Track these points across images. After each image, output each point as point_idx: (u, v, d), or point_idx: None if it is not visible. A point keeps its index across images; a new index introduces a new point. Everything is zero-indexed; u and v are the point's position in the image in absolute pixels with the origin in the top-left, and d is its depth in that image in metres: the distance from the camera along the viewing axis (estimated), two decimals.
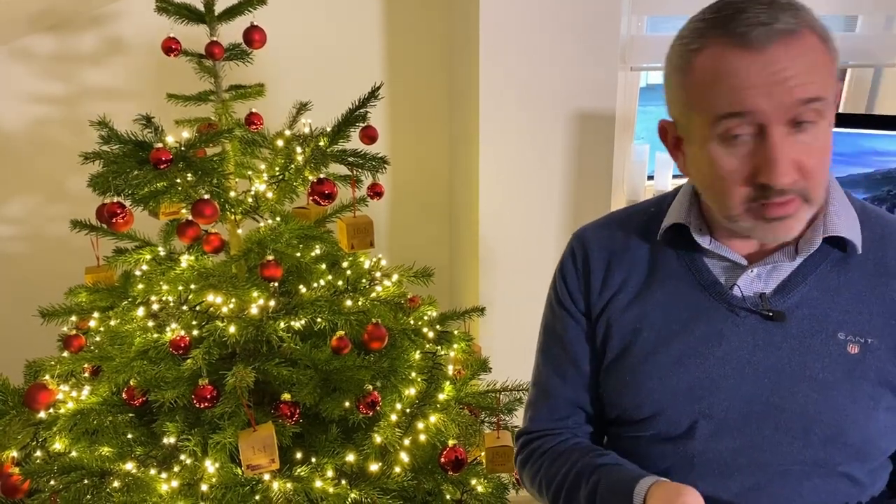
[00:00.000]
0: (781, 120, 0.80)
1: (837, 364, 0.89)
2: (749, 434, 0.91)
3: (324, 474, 1.32)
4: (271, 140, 1.45)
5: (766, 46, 0.79)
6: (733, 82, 0.80)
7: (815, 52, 0.81)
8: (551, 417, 1.09)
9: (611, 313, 1.01)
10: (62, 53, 1.98)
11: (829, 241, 0.92)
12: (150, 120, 1.26)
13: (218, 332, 1.29)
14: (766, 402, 0.91)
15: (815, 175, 0.84)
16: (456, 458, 1.37)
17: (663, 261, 1.00)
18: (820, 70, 0.81)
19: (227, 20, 1.39)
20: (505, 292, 2.04)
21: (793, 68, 0.79)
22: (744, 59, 0.79)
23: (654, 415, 0.96)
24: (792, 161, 0.81)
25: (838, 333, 0.90)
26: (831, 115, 0.84)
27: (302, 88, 1.67)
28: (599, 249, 1.04)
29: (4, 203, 2.09)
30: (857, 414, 0.88)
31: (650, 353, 0.97)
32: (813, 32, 0.82)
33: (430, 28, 2.15)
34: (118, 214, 1.26)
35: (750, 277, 0.94)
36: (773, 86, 0.79)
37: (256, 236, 1.35)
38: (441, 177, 2.31)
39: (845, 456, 0.89)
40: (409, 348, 1.45)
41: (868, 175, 1.58)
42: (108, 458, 1.31)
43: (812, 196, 0.85)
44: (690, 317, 0.96)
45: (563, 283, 1.08)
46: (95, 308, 1.47)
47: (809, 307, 0.91)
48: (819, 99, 0.80)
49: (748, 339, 0.93)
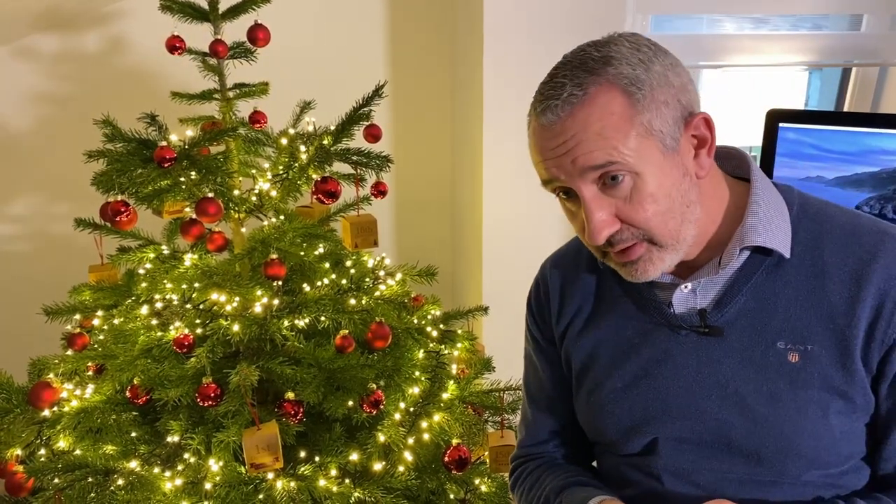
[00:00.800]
0: (582, 182, 0.84)
1: (780, 375, 0.88)
2: (706, 449, 0.92)
3: (327, 473, 1.32)
4: (275, 138, 1.45)
5: (550, 123, 0.84)
6: (536, 155, 0.88)
7: (605, 115, 0.82)
8: (533, 442, 1.14)
9: (568, 342, 1.05)
10: (66, 52, 1.98)
11: (760, 249, 0.90)
12: (154, 118, 1.26)
13: (221, 331, 1.29)
14: (717, 418, 0.91)
15: (647, 223, 0.84)
16: (459, 457, 1.37)
17: (609, 287, 1.02)
18: (611, 132, 0.82)
19: (231, 18, 1.39)
20: (508, 291, 2.03)
21: (574, 139, 0.83)
22: (539, 133, 0.87)
23: (616, 436, 0.98)
24: (609, 216, 0.85)
25: (777, 343, 0.88)
26: (651, 165, 0.83)
27: (306, 87, 1.67)
28: (555, 280, 1.08)
29: (9, 202, 2.09)
30: (806, 424, 0.87)
31: (604, 379, 0.99)
32: (611, 89, 0.82)
33: (434, 27, 2.15)
34: (122, 213, 1.26)
35: (684, 294, 0.94)
36: (559, 157, 0.84)
37: (260, 235, 1.35)
38: (444, 176, 2.31)
39: (802, 467, 0.88)
40: (413, 347, 1.45)
41: (873, 174, 1.57)
42: (112, 457, 1.31)
43: (659, 239, 0.86)
44: (637, 340, 0.97)
45: (530, 314, 1.13)
46: (99, 306, 1.47)
47: (748, 318, 0.90)
48: (609, 163, 0.82)
49: (692, 357, 0.93)
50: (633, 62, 0.84)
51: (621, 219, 0.85)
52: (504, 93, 1.86)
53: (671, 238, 0.86)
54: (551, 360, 1.09)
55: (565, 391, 1.08)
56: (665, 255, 0.87)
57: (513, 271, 2.01)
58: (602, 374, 1.00)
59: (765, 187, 0.93)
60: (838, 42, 2.09)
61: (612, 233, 0.85)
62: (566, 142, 0.83)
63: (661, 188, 0.84)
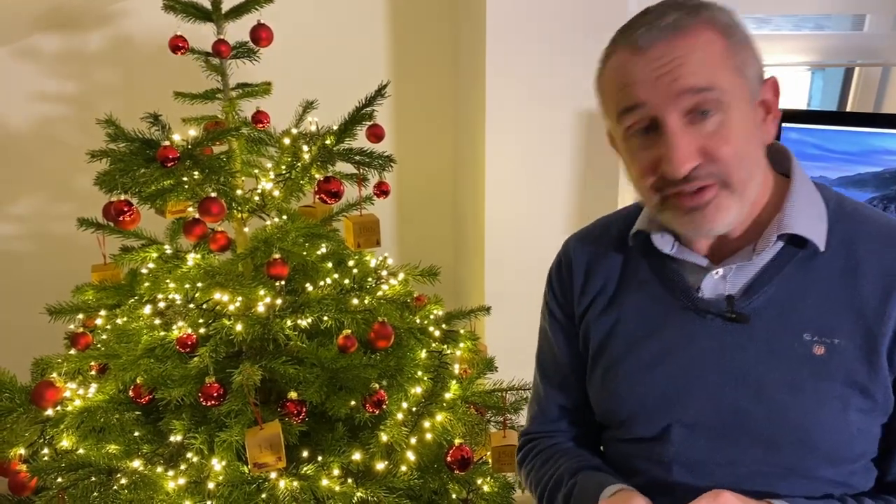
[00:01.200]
0: (673, 110, 0.83)
1: (803, 366, 0.88)
2: (721, 437, 0.91)
3: (330, 473, 1.32)
4: (278, 138, 1.45)
5: (650, 45, 0.84)
6: (624, 80, 0.86)
7: (707, 47, 0.83)
8: (544, 420, 1.13)
9: (589, 319, 1.04)
10: (69, 52, 1.99)
11: (794, 241, 0.91)
12: (157, 118, 1.26)
13: (225, 331, 1.29)
14: (734, 405, 0.90)
15: (728, 161, 0.84)
16: (462, 457, 1.37)
17: (635, 267, 1.02)
18: (711, 63, 0.83)
19: (234, 18, 1.39)
20: (511, 291, 2.03)
21: (677, 60, 0.83)
22: (632, 59, 0.85)
23: (629, 418, 0.98)
24: (694, 149, 0.84)
25: (804, 334, 0.89)
26: (738, 107, 0.85)
27: (309, 87, 1.67)
28: (580, 257, 1.07)
29: (12, 201, 2.10)
30: (825, 417, 0.87)
31: (622, 358, 0.99)
32: (710, 28, 0.84)
33: (437, 26, 2.15)
34: (125, 212, 1.26)
35: (714, 280, 0.94)
36: (656, 78, 0.83)
37: (263, 234, 1.35)
38: (447, 175, 2.31)
39: (816, 460, 0.88)
40: (416, 347, 1.45)
41: (877, 174, 1.57)
42: (115, 456, 1.31)
43: (732, 182, 0.85)
44: (660, 322, 0.97)
45: (550, 290, 1.12)
46: (102, 306, 1.47)
47: (775, 308, 0.90)
48: (709, 89, 0.83)
49: (716, 342, 0.92)
50: (725, 13, 0.87)
51: (704, 154, 0.84)
52: (507, 93, 1.86)
53: (743, 184, 0.87)
54: (569, 337, 1.09)
55: (580, 370, 1.08)
56: (733, 202, 0.87)
57: (515, 271, 2.02)
58: (621, 352, 0.99)
59: (804, 182, 0.94)
60: (841, 42, 2.09)
61: (693, 167, 0.84)
62: (667, 63, 0.83)
63: (743, 132, 0.85)
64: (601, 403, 1.03)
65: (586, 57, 1.85)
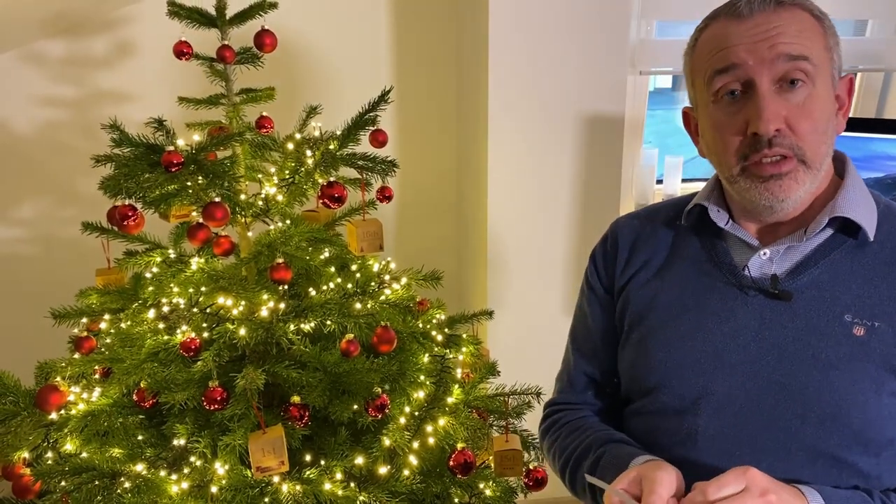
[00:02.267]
0: (767, 74, 0.88)
1: (841, 345, 0.90)
2: (750, 411, 0.93)
3: (333, 477, 1.32)
4: (281, 143, 1.46)
5: (752, 14, 0.89)
6: (723, 43, 0.91)
7: (803, 23, 0.89)
8: (572, 390, 1.17)
9: (630, 289, 1.07)
10: (74, 57, 2.00)
11: (844, 230, 0.94)
12: (161, 123, 1.27)
13: (228, 335, 1.29)
14: (769, 378, 0.92)
15: (806, 136, 0.89)
16: (464, 461, 1.37)
17: (685, 243, 1.05)
18: (807, 36, 0.89)
19: (239, 24, 1.40)
20: (513, 295, 2.04)
21: (776, 29, 0.88)
22: (732, 25, 0.90)
23: (660, 385, 1.00)
24: (780, 114, 0.88)
25: (845, 315, 0.91)
26: (823, 85, 0.90)
27: (312, 92, 1.68)
28: (629, 233, 1.11)
29: (17, 205, 2.10)
30: (857, 396, 0.89)
31: (660, 326, 1.02)
32: (805, 10, 0.91)
33: (439, 32, 2.16)
34: (129, 217, 1.27)
35: (762, 260, 0.97)
36: (756, 42, 0.88)
37: (266, 239, 1.35)
38: (450, 180, 2.32)
39: (845, 439, 0.89)
40: (418, 351, 1.45)
41: (879, 179, 1.57)
42: (119, 460, 1.32)
43: (809, 158, 0.90)
44: (702, 294, 1.00)
45: (592, 264, 1.16)
46: (106, 310, 1.47)
47: (818, 289, 0.93)
48: (804, 58, 0.87)
49: (756, 318, 0.95)
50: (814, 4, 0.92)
51: (787, 124, 0.88)
52: (509, 98, 1.87)
53: (819, 160, 0.91)
54: (606, 308, 1.12)
55: (611, 343, 1.11)
56: (807, 177, 0.91)
57: (517, 276, 2.02)
58: (660, 321, 1.02)
59: (858, 181, 0.99)
60: (843, 47, 2.09)
61: (778, 129, 0.88)
62: (767, 30, 0.88)
63: (824, 111, 0.90)
64: (632, 369, 1.05)
65: (587, 61, 1.87)
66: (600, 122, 1.92)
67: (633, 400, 1.07)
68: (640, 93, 2.11)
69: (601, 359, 1.14)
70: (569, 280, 2.04)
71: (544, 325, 2.05)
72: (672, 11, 2.03)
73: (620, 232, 1.12)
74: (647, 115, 2.18)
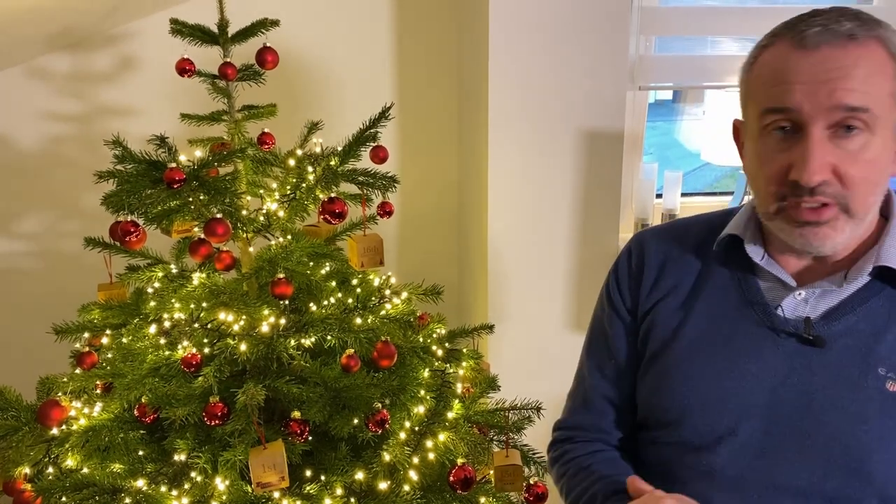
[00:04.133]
0: (821, 121, 0.82)
1: (873, 399, 0.87)
2: (772, 456, 0.90)
3: (333, 492, 1.32)
4: (283, 159, 1.47)
5: (820, 46, 0.81)
6: (782, 77, 0.83)
7: (874, 64, 0.81)
8: (588, 412, 1.11)
9: (656, 315, 1.02)
10: (78, 72, 2.01)
11: (885, 278, 0.90)
12: (163, 140, 1.28)
13: (229, 350, 1.30)
14: (794, 426, 0.89)
15: (856, 186, 0.83)
16: (465, 476, 1.37)
17: (715, 273, 1.00)
18: (875, 82, 0.81)
19: (240, 41, 1.41)
20: (514, 309, 2.04)
21: (840, 70, 0.80)
22: (797, 56, 0.82)
23: (680, 419, 0.96)
24: (827, 163, 0.82)
25: (879, 368, 0.87)
26: (883, 132, 0.83)
27: (314, 108, 1.69)
28: (656, 253, 1.05)
29: (19, 219, 2.12)
30: (884, 454, 0.86)
31: (686, 358, 0.97)
32: (881, 45, 0.82)
33: (440, 48, 2.17)
34: (131, 233, 1.27)
35: (796, 301, 0.93)
36: (817, 84, 0.81)
37: (267, 254, 1.36)
38: (451, 195, 2.33)
39: (866, 494, 0.87)
40: (419, 366, 1.45)
41: None
42: (120, 475, 1.32)
43: (853, 208, 0.84)
44: (731, 330, 0.95)
45: (615, 281, 1.10)
46: (108, 325, 1.48)
47: (853, 338, 0.89)
48: (863, 110, 0.81)
49: (785, 361, 0.91)
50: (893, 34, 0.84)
51: (836, 173, 0.83)
52: (510, 113, 1.88)
53: (864, 211, 0.86)
54: (630, 331, 1.07)
55: (632, 367, 1.06)
56: (848, 227, 0.86)
57: (518, 290, 2.02)
58: (685, 353, 0.97)
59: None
60: None
61: (823, 180, 0.82)
62: (831, 70, 0.80)
63: (880, 159, 0.84)
64: (652, 398, 1.01)
65: (587, 77, 1.88)
66: (600, 137, 1.93)
67: (650, 428, 1.03)
68: (639, 108, 2.12)
69: (624, 383, 1.08)
70: (569, 294, 2.04)
71: (545, 339, 2.05)
72: (671, 27, 2.04)
73: (648, 250, 1.06)
74: (648, 127, 2.19)
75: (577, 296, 2.02)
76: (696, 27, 2.05)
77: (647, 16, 1.98)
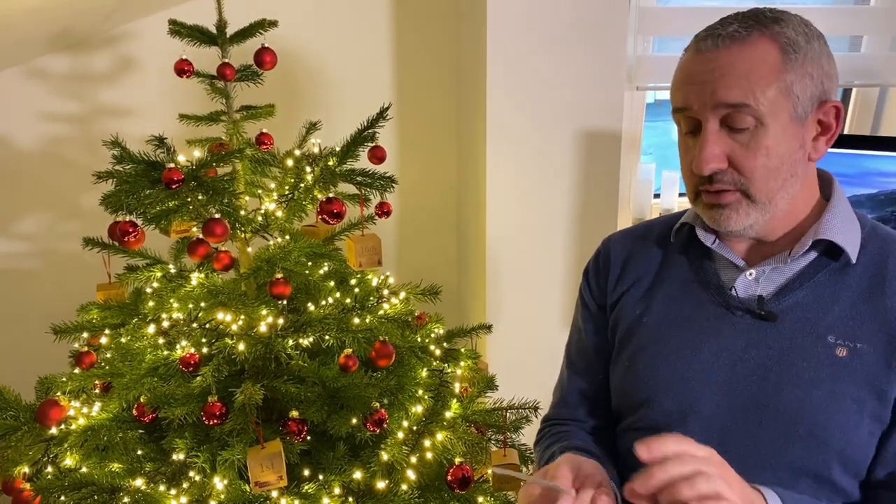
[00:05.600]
0: (711, 117, 0.90)
1: (824, 365, 0.92)
2: (735, 430, 0.94)
3: (331, 491, 1.32)
4: (281, 159, 1.47)
5: (710, 50, 0.90)
6: (680, 80, 0.94)
7: (754, 61, 0.88)
8: (566, 406, 1.18)
9: (621, 306, 1.10)
10: (77, 73, 2.01)
11: (828, 253, 0.96)
12: (162, 141, 1.28)
13: (227, 350, 1.30)
14: (753, 398, 0.94)
15: (753, 174, 0.91)
16: (462, 475, 1.37)
17: (675, 262, 1.08)
18: (755, 79, 0.87)
19: (239, 42, 1.41)
20: (512, 309, 2.04)
21: (720, 70, 0.88)
22: (692, 61, 0.92)
23: (648, 401, 1.01)
24: (720, 153, 0.91)
25: (828, 336, 0.93)
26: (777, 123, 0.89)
27: (312, 108, 1.69)
28: (620, 250, 1.14)
29: (18, 219, 2.12)
30: (838, 415, 0.90)
31: (649, 343, 1.04)
32: (769, 42, 0.89)
33: (439, 49, 2.18)
34: (130, 233, 1.28)
35: (748, 280, 0.99)
36: (702, 85, 0.90)
37: (266, 254, 1.36)
38: (449, 195, 2.33)
39: (827, 459, 0.90)
40: (417, 366, 1.46)
41: (872, 196, 1.58)
42: (118, 475, 1.32)
43: (753, 193, 0.92)
44: (690, 312, 1.02)
45: (585, 280, 1.18)
46: (106, 325, 1.48)
47: (802, 310, 0.95)
48: (743, 105, 0.88)
49: (741, 338, 0.97)
50: (798, 30, 0.91)
51: (731, 162, 0.91)
52: (508, 113, 1.89)
53: (766, 196, 0.92)
54: (598, 326, 1.14)
55: (604, 359, 1.13)
56: (752, 210, 0.94)
57: (516, 290, 2.03)
58: (648, 338, 1.04)
59: (843, 203, 1.00)
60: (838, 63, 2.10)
61: (717, 170, 0.91)
62: (712, 71, 0.89)
63: (777, 146, 0.90)
64: (621, 385, 1.07)
65: (585, 78, 1.89)
66: (598, 138, 1.93)
67: (624, 416, 1.08)
68: (637, 108, 2.13)
69: (595, 375, 1.15)
70: (567, 294, 2.04)
71: (543, 339, 2.05)
72: (669, 28, 2.04)
73: (613, 248, 1.15)
74: (647, 127, 2.20)
75: (575, 296, 2.02)
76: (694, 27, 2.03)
77: (645, 16, 1.98)
